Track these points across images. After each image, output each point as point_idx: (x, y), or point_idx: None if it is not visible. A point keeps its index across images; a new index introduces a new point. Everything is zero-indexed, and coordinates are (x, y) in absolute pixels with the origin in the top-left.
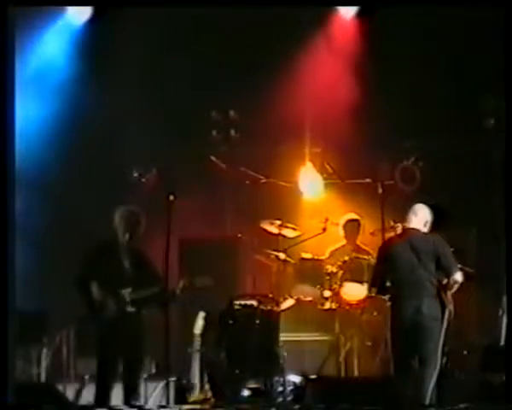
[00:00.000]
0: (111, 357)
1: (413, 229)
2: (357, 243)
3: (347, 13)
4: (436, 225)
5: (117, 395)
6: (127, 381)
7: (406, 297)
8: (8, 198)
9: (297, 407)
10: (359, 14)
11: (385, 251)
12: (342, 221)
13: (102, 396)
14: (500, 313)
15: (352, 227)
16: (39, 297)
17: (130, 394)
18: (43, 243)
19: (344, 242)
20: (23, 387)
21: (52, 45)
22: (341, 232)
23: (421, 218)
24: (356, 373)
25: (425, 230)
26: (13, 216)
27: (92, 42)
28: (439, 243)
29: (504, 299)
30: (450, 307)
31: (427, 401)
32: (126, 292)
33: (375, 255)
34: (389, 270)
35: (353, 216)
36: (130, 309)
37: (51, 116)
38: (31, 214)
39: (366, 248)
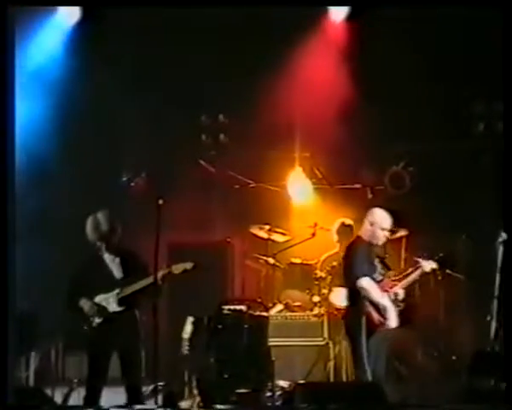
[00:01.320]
0: (103, 360)
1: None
2: None
3: (337, 16)
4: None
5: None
6: (127, 383)
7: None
8: (8, 198)
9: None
10: (349, 18)
11: None
12: (336, 226)
13: (93, 399)
14: (488, 318)
15: (346, 232)
16: (28, 299)
17: (133, 396)
18: (31, 244)
19: (337, 248)
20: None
21: (41, 46)
22: (335, 237)
23: (367, 221)
24: (344, 378)
25: (369, 232)
26: (13, 216)
27: (81, 45)
28: (348, 247)
29: (494, 304)
30: (369, 313)
31: None
32: (113, 294)
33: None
34: None
35: (347, 221)
36: (118, 309)
37: (40, 118)
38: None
39: (381, 255)
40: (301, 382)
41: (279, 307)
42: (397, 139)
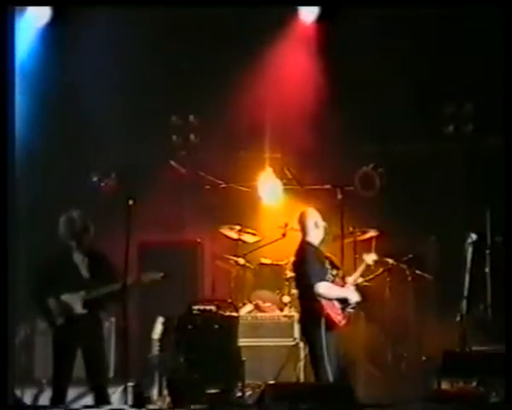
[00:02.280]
0: (67, 359)
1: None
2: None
3: (308, 17)
4: None
5: None
6: (92, 385)
7: None
8: (8, 198)
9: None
10: (319, 19)
11: None
12: None
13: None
14: (458, 318)
15: None
16: None
17: (99, 397)
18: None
19: None
20: None
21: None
22: None
23: (306, 223)
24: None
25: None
26: (13, 214)
27: (52, 44)
28: (297, 252)
29: (463, 304)
30: (328, 314)
31: None
32: (79, 295)
33: (334, 261)
34: None
35: None
36: (82, 311)
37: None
38: None
39: (327, 255)
40: (271, 382)
41: (249, 307)
42: (367, 140)
